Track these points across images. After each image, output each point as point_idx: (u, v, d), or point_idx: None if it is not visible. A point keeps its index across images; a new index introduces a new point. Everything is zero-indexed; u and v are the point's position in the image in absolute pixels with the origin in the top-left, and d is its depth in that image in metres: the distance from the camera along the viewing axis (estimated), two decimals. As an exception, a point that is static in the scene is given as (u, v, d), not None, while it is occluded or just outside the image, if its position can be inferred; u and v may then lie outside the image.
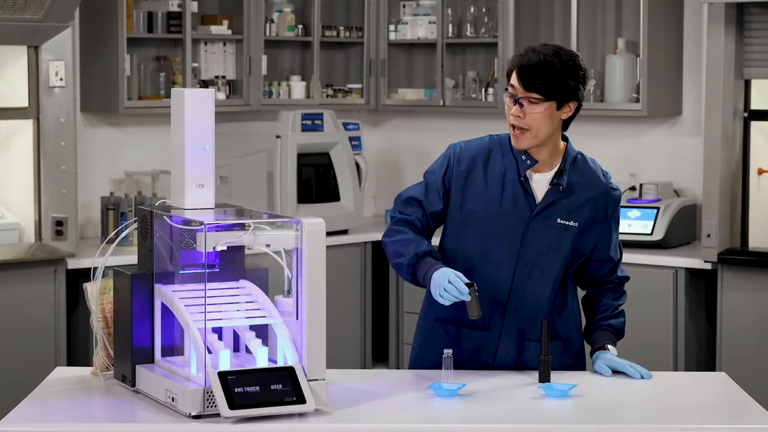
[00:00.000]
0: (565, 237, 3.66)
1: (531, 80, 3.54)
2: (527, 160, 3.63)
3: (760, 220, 6.26)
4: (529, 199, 3.64)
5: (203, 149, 3.35)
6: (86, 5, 6.37)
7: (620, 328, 3.76)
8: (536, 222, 3.64)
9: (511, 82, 3.59)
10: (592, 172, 3.71)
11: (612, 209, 3.72)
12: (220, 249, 3.18)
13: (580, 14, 6.81)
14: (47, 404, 3.27)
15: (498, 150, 3.68)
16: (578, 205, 3.66)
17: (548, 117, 3.57)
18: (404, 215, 3.70)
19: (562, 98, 3.57)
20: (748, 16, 6.14)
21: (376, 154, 7.83)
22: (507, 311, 3.66)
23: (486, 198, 3.64)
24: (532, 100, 3.55)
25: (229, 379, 3.08)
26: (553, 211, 3.64)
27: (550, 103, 3.56)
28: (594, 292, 3.81)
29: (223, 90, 6.94)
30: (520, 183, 3.63)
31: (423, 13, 7.46)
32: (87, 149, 6.60)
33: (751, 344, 6.06)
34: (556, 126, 3.61)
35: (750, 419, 3.28)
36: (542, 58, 3.54)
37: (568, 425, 3.18)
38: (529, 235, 3.64)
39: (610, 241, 3.75)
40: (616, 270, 3.80)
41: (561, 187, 3.64)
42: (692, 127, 6.78)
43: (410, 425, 3.17)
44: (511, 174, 3.65)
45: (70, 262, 5.98)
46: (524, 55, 3.58)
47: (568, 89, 3.56)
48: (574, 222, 3.66)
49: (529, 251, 3.64)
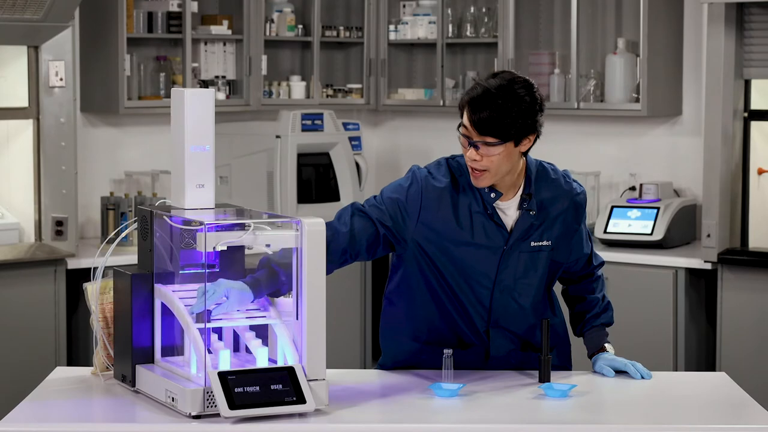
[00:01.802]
0: (539, 258, 3.60)
1: (484, 124, 3.39)
2: (491, 193, 3.53)
3: (760, 220, 6.26)
4: (501, 230, 3.55)
5: (203, 149, 3.35)
6: (86, 5, 6.37)
7: (611, 321, 3.76)
8: (511, 251, 3.57)
9: (464, 123, 3.45)
10: (556, 182, 3.62)
11: (580, 213, 3.67)
12: (220, 249, 3.18)
13: (580, 14, 6.81)
14: (47, 404, 3.27)
15: (460, 179, 3.55)
16: (550, 222, 3.60)
17: (506, 157, 3.45)
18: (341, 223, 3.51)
19: (520, 136, 3.44)
20: (748, 16, 6.14)
21: (376, 154, 7.83)
22: (490, 328, 3.63)
23: (457, 232, 3.53)
24: (488, 142, 3.42)
25: (229, 379, 3.08)
26: (527, 237, 3.58)
27: (508, 144, 3.43)
28: (577, 289, 3.78)
29: (223, 90, 6.94)
30: (489, 216, 3.54)
31: (423, 13, 7.46)
32: (87, 149, 6.60)
33: (751, 344, 6.06)
34: (516, 160, 3.49)
35: (750, 419, 3.28)
36: (493, 96, 3.37)
37: (568, 425, 3.18)
38: (504, 264, 3.57)
39: (582, 240, 3.72)
40: (592, 260, 3.77)
41: (531, 212, 3.56)
42: (692, 127, 6.78)
43: (410, 425, 3.17)
44: (477, 206, 3.54)
45: (70, 262, 5.98)
46: (473, 90, 3.42)
47: (525, 126, 3.43)
48: (547, 241, 3.60)
49: (506, 278, 3.59)
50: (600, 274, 3.80)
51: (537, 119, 3.45)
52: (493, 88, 3.41)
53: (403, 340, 3.70)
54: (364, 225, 3.53)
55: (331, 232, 3.46)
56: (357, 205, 3.58)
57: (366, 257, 3.57)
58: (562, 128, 6.98)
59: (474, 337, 3.63)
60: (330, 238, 3.43)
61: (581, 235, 3.71)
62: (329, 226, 3.46)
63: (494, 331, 3.63)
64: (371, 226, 3.53)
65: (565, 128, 6.99)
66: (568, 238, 3.66)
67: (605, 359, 3.64)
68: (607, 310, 3.76)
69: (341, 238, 3.50)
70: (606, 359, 3.64)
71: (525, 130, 3.43)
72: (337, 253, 3.49)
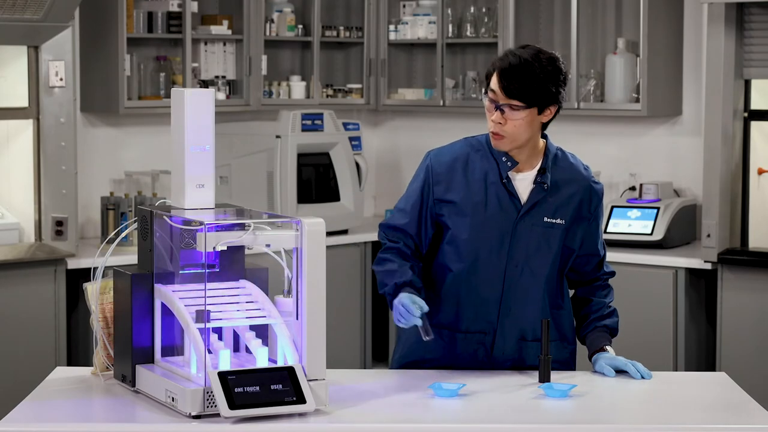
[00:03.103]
0: (552, 235, 3.66)
1: (512, 88, 3.53)
2: (508, 161, 3.64)
3: (760, 220, 6.27)
4: (514, 200, 3.64)
5: (203, 149, 3.35)
6: (86, 5, 6.37)
7: (615, 327, 3.77)
8: (523, 222, 3.64)
9: (492, 87, 3.58)
10: (574, 167, 3.72)
11: (596, 204, 3.73)
12: (220, 249, 3.18)
13: (580, 14, 6.81)
14: (47, 404, 3.27)
15: (476, 153, 3.68)
16: (563, 201, 3.66)
17: (529, 123, 3.58)
18: (391, 242, 3.72)
19: (543, 103, 3.57)
20: (748, 16, 6.14)
21: (376, 154, 7.83)
22: (501, 312, 3.66)
23: (470, 203, 3.64)
24: (513, 106, 3.55)
25: (229, 379, 3.08)
26: (539, 210, 3.64)
27: (532, 110, 3.56)
28: (584, 291, 3.81)
29: (223, 90, 6.94)
30: (503, 185, 3.63)
31: (423, 13, 7.46)
32: (87, 149, 6.60)
33: (751, 344, 6.06)
34: (536, 130, 3.62)
35: (750, 419, 3.28)
36: (523, 63, 3.52)
37: (568, 425, 3.18)
38: (517, 236, 3.63)
39: (596, 237, 3.75)
40: (603, 266, 3.80)
41: (545, 186, 3.64)
42: (692, 127, 6.78)
43: (410, 425, 3.17)
44: (493, 176, 3.64)
45: (70, 262, 5.98)
46: (504, 59, 3.56)
47: (549, 95, 3.56)
48: (561, 219, 3.66)
49: (518, 252, 3.64)
50: (609, 285, 3.83)
51: (561, 91, 3.59)
52: (524, 55, 3.55)
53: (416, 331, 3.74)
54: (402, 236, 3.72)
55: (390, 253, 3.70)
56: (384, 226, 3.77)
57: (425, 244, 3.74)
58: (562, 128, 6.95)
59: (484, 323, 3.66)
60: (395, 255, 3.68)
61: (597, 230, 3.75)
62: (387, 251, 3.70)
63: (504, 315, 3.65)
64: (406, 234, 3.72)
65: (565, 128, 6.98)
66: (582, 224, 3.70)
67: (606, 358, 3.65)
68: (612, 315, 3.77)
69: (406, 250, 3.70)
70: (606, 358, 3.65)
71: (549, 98, 3.57)
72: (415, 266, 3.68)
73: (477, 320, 3.66)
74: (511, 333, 3.68)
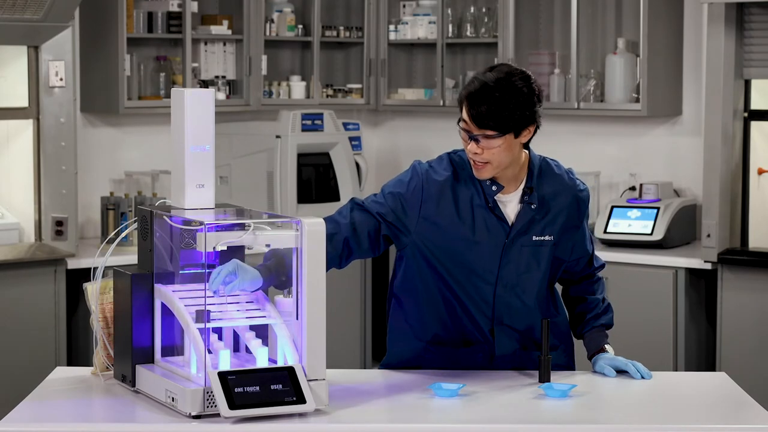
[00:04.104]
0: (541, 253, 3.60)
1: (482, 117, 3.40)
2: (492, 185, 3.53)
3: (760, 220, 6.27)
4: (502, 224, 3.56)
5: (203, 149, 3.35)
6: (86, 5, 6.37)
7: (611, 323, 3.75)
8: (513, 245, 3.57)
9: (463, 117, 3.47)
10: (559, 178, 3.63)
11: (583, 210, 3.67)
12: (220, 249, 3.18)
13: (580, 14, 6.81)
14: (47, 404, 3.26)
15: (462, 173, 3.56)
16: (551, 218, 3.60)
17: (507, 149, 3.45)
18: (342, 216, 3.53)
19: (519, 127, 3.44)
20: (748, 16, 6.14)
21: (376, 154, 7.83)
22: (494, 326, 3.63)
23: (458, 226, 3.54)
24: (488, 135, 3.43)
25: (229, 379, 3.08)
26: (528, 230, 3.58)
27: (507, 136, 3.44)
28: (577, 290, 3.78)
29: (223, 90, 6.94)
30: (490, 209, 3.54)
31: (423, 13, 7.46)
32: (87, 149, 6.60)
33: (751, 344, 6.06)
34: (517, 152, 3.50)
35: (750, 419, 3.28)
36: (491, 88, 3.38)
37: (568, 425, 3.18)
38: (506, 258, 3.57)
39: (584, 239, 3.72)
40: (593, 262, 3.77)
41: (532, 206, 3.57)
42: (692, 127, 6.78)
43: (410, 425, 3.17)
44: (479, 199, 3.54)
45: (70, 262, 5.98)
46: (471, 84, 3.43)
47: (523, 118, 3.43)
48: (549, 236, 3.60)
49: (508, 273, 3.58)
50: (600, 276, 3.80)
51: (536, 110, 3.45)
52: (491, 81, 3.41)
53: (408, 339, 3.71)
54: (365, 218, 3.55)
55: (332, 224, 3.48)
56: (356, 200, 3.59)
57: (369, 251, 3.57)
58: (562, 128, 6.98)
59: (479, 336, 3.63)
60: (331, 230, 3.44)
61: (584, 234, 3.71)
62: (329, 219, 3.48)
63: (498, 329, 3.63)
64: (372, 219, 3.55)
65: (565, 128, 6.99)
66: (571, 234, 3.65)
67: (606, 359, 3.64)
68: (607, 311, 3.76)
69: (343, 229, 3.51)
70: (606, 359, 3.64)
71: (524, 121, 3.44)
72: (339, 244, 3.50)
73: (472, 333, 3.64)
74: (508, 343, 3.65)
